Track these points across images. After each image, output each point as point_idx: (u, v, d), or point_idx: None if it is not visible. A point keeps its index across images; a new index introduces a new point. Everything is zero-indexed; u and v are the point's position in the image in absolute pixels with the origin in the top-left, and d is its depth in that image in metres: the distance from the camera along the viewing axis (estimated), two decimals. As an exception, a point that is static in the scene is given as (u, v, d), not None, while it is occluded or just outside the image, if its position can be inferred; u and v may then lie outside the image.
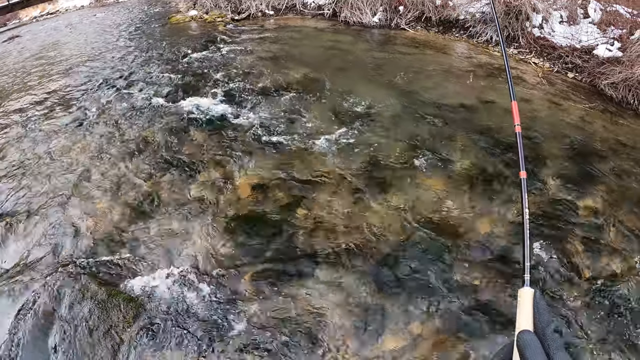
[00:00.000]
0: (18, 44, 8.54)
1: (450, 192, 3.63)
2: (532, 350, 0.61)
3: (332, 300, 2.84)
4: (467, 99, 4.95)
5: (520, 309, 0.69)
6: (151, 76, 5.92)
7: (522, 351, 0.62)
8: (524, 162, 0.96)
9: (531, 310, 0.68)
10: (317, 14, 7.84)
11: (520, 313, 0.69)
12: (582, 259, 3.05)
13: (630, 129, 4.56)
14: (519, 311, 0.69)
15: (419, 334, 2.63)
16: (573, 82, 5.40)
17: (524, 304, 0.69)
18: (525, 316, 0.68)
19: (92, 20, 9.32)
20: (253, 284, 2.98)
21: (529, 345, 0.62)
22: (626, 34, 5.56)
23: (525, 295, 0.70)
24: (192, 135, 4.55)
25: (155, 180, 3.95)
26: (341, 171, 3.90)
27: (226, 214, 3.53)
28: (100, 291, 2.97)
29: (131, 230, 3.47)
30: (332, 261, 3.09)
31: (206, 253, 3.22)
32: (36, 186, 4.01)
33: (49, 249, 3.36)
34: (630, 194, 3.60)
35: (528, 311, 0.68)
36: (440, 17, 6.96)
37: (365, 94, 5.10)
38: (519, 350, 0.63)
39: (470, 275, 2.95)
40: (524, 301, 0.70)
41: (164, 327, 2.74)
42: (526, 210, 0.85)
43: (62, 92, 5.79)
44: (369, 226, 3.34)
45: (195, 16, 8.42)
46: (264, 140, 4.38)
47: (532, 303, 0.69)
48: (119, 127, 4.79)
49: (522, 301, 0.70)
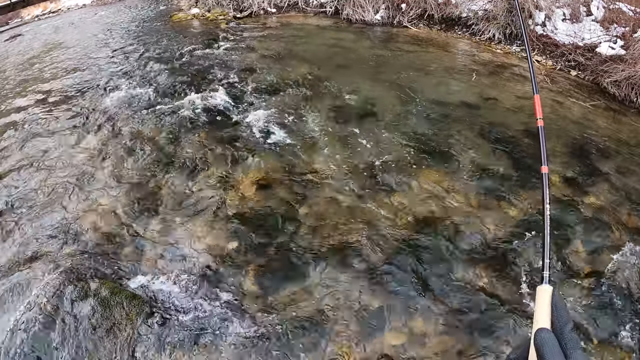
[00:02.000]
0: (20, 43, 8.54)
1: (453, 189, 3.63)
2: (549, 349, 0.61)
3: (335, 297, 2.85)
4: (470, 97, 4.95)
5: (538, 306, 0.69)
6: (153, 74, 5.92)
7: (540, 349, 0.62)
8: (546, 157, 0.92)
9: (549, 308, 0.68)
10: (319, 11, 7.83)
11: (538, 310, 0.69)
12: (583, 255, 3.05)
13: (632, 127, 4.55)
14: (537, 308, 0.69)
15: (421, 332, 2.64)
16: (576, 80, 5.39)
17: (542, 302, 0.69)
18: (543, 314, 0.67)
19: (94, 18, 9.32)
20: (256, 281, 3.00)
21: (546, 344, 0.62)
22: (629, 31, 5.53)
23: (544, 293, 0.70)
24: (194, 132, 4.56)
25: (158, 178, 3.96)
26: (344, 168, 3.90)
27: (229, 211, 3.55)
28: (103, 288, 2.99)
29: (134, 227, 3.48)
30: (334, 258, 3.11)
31: (209, 250, 3.24)
32: (38, 184, 4.03)
33: (51, 246, 3.38)
34: (632, 192, 3.60)
35: (546, 309, 0.68)
36: (443, 15, 6.94)
37: (368, 92, 5.10)
38: (536, 348, 0.63)
39: (472, 273, 2.96)
40: (542, 299, 0.69)
41: (167, 325, 2.75)
42: (547, 206, 0.84)
43: (64, 91, 5.80)
44: (371, 223, 3.35)
45: (197, 14, 8.42)
46: (266, 137, 4.39)
47: (550, 301, 0.68)
48: (121, 125, 4.80)
49: (541, 298, 0.69)
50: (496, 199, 3.54)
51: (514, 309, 2.73)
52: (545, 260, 0.77)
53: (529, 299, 2.78)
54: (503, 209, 3.44)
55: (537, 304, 0.69)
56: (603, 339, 2.58)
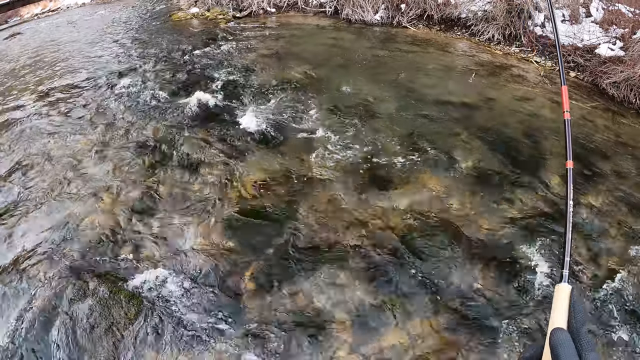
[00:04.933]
0: (19, 42, 8.52)
1: (452, 189, 3.63)
2: (565, 350, 0.60)
3: (333, 297, 2.85)
4: (469, 97, 4.95)
5: (556, 304, 0.67)
6: (152, 74, 5.92)
7: (555, 349, 0.61)
8: (572, 151, 0.89)
9: (567, 307, 0.66)
10: (318, 11, 7.83)
11: (555, 309, 0.67)
12: (579, 256, 3.06)
13: (631, 128, 4.55)
14: (554, 307, 0.67)
15: (420, 332, 2.64)
16: (575, 81, 5.39)
17: (560, 300, 0.67)
18: (560, 313, 0.66)
19: (93, 17, 9.31)
20: (254, 281, 3.00)
21: (562, 344, 0.61)
22: (628, 33, 5.54)
23: (562, 292, 0.68)
24: (193, 131, 4.56)
25: (157, 177, 3.95)
26: (342, 168, 3.90)
27: (228, 210, 3.54)
28: (101, 288, 2.98)
29: (133, 226, 3.48)
30: (333, 257, 3.10)
31: (208, 249, 3.23)
32: (37, 182, 4.01)
33: (50, 245, 3.36)
34: (630, 194, 3.60)
35: (564, 308, 0.66)
36: (442, 15, 6.95)
37: (367, 92, 5.10)
38: (552, 347, 0.62)
39: (472, 272, 2.96)
40: (560, 297, 0.67)
41: (166, 324, 2.74)
42: (570, 202, 0.80)
43: (64, 90, 5.79)
44: (370, 222, 3.35)
45: (196, 13, 8.42)
46: (265, 136, 4.39)
47: (568, 300, 0.66)
48: (120, 124, 4.79)
49: (559, 297, 0.67)
50: (494, 198, 3.54)
51: (513, 308, 2.74)
52: (566, 258, 0.74)
53: (529, 298, 2.79)
54: (501, 209, 3.44)
55: (555, 303, 0.67)
56: (614, 342, 2.58)
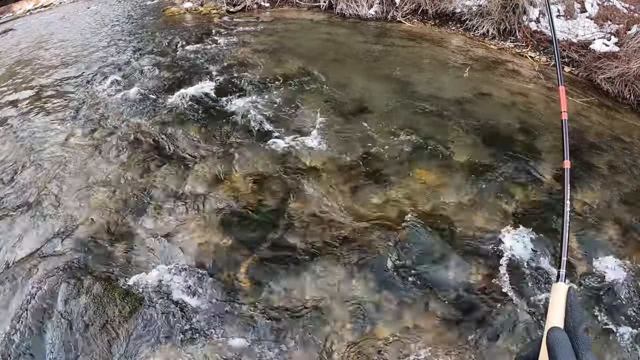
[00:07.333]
0: (12, 38, 8.43)
1: (444, 184, 3.60)
2: (561, 349, 0.60)
3: (328, 292, 2.82)
4: (463, 92, 4.91)
5: (553, 304, 0.67)
6: (145, 69, 5.85)
7: (552, 348, 0.61)
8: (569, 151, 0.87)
9: (564, 306, 0.66)
10: (313, 6, 7.77)
11: (552, 308, 0.67)
12: (573, 251, 3.04)
13: (625, 123, 4.53)
14: (551, 306, 0.67)
15: (413, 326, 2.62)
16: (569, 77, 5.36)
17: (557, 300, 0.67)
18: (557, 312, 0.66)
19: (86, 12, 9.22)
20: (249, 277, 2.97)
21: (559, 344, 0.61)
22: (623, 29, 5.52)
23: (559, 291, 0.68)
24: (187, 127, 4.51)
25: (151, 174, 3.91)
26: (337, 163, 3.87)
27: (222, 206, 3.50)
28: (96, 286, 2.95)
29: (127, 223, 3.43)
30: (328, 253, 3.08)
31: (202, 246, 3.19)
32: (30, 180, 3.97)
33: (44, 243, 3.32)
34: (624, 188, 3.59)
35: (560, 307, 0.66)
36: (437, 10, 6.90)
37: (361, 87, 5.06)
38: (549, 347, 0.62)
39: (465, 267, 2.94)
40: (557, 296, 0.67)
41: (160, 321, 2.71)
42: (567, 202, 0.80)
43: (56, 85, 5.73)
44: (365, 217, 3.32)
45: (190, 8, 8.34)
46: (258, 132, 4.35)
47: (565, 299, 0.66)
48: (113, 120, 4.74)
49: (556, 296, 0.67)
50: (489, 194, 3.51)
51: (510, 306, 2.72)
52: (563, 257, 0.75)
53: (525, 297, 2.77)
54: (496, 205, 3.42)
55: (552, 302, 0.67)
56: (611, 341, 2.57)
